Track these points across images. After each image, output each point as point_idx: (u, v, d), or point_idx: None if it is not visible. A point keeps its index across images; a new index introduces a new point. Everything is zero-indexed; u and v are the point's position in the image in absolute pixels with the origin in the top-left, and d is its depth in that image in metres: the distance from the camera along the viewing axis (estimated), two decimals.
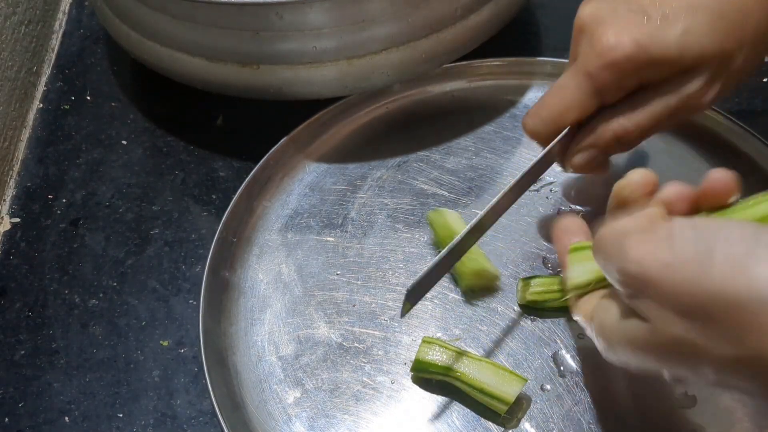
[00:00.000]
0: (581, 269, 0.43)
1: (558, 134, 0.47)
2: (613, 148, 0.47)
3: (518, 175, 0.47)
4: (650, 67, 0.44)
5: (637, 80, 0.45)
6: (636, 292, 0.34)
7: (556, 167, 0.57)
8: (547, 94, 0.48)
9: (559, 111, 0.47)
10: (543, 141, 0.48)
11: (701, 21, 0.43)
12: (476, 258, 0.50)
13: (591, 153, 0.47)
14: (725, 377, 0.32)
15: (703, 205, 0.39)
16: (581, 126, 0.48)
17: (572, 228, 0.45)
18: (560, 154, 0.49)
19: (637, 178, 0.42)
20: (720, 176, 0.38)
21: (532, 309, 0.50)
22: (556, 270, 0.52)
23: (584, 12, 0.46)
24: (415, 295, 0.44)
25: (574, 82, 0.45)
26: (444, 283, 0.52)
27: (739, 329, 0.30)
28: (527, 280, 0.50)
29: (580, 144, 0.48)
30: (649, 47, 0.43)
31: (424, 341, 0.47)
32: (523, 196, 0.56)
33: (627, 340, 0.35)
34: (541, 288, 0.49)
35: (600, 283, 0.42)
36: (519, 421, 0.46)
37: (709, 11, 0.43)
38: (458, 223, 0.52)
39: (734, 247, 0.30)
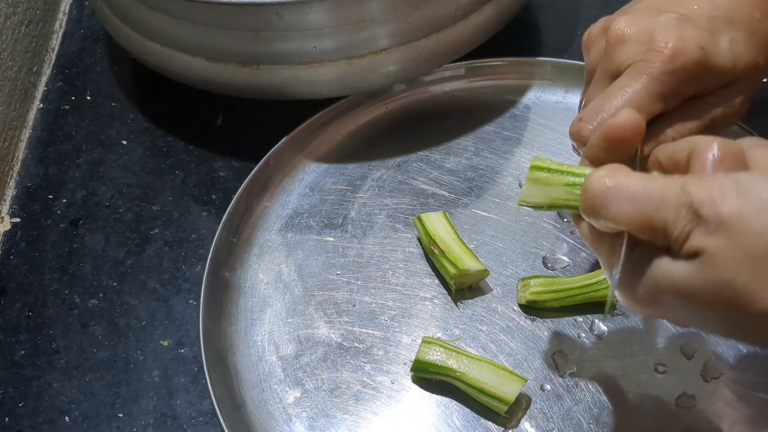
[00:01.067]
0: (538, 192, 0.40)
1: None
2: None
3: None
4: (709, 74, 0.43)
5: (696, 88, 0.43)
6: (700, 226, 0.33)
7: None
8: (601, 98, 0.43)
9: None
10: None
11: (740, 34, 0.43)
12: (458, 258, 0.50)
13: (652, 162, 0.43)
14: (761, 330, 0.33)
15: None
16: None
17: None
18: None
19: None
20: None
21: (532, 309, 0.50)
22: (556, 266, 0.52)
23: (620, 24, 0.44)
24: None
25: (639, 85, 0.42)
26: (443, 283, 0.52)
27: None
28: (527, 280, 0.50)
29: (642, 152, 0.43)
30: (709, 53, 0.42)
31: (424, 341, 0.47)
32: None
33: (674, 278, 0.34)
34: (541, 288, 0.49)
35: (551, 208, 0.40)
36: (519, 420, 0.46)
37: (743, 26, 0.44)
38: (438, 226, 0.52)
39: None
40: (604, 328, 0.49)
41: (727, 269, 0.32)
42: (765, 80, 0.47)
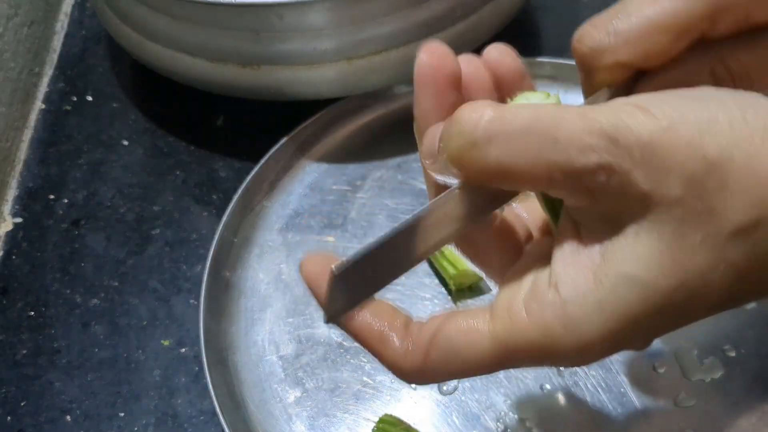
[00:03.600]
0: None
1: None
2: None
3: None
4: None
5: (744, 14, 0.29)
6: (624, 158, 0.25)
7: None
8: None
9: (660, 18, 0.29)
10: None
11: None
12: (458, 259, 0.50)
13: None
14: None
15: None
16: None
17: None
18: None
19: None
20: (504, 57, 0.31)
21: None
22: None
23: None
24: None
25: None
26: (443, 283, 0.52)
27: None
28: None
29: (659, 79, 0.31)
30: None
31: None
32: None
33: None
34: None
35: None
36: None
37: None
38: None
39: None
40: None
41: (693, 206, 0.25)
42: None
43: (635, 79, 0.31)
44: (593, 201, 0.26)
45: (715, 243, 0.25)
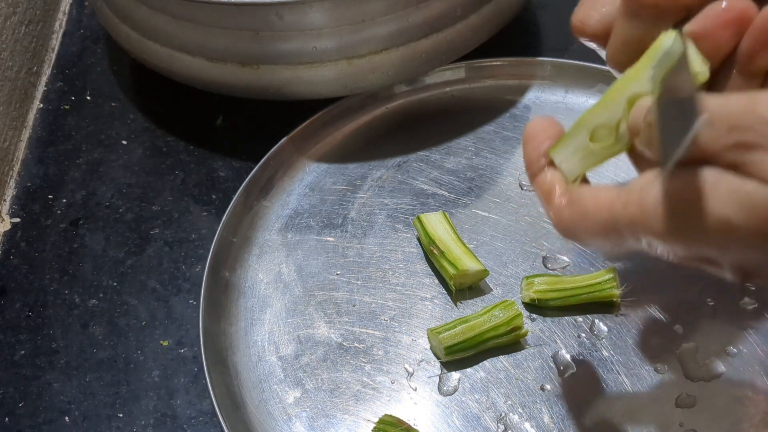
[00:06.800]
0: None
1: None
2: None
3: None
4: None
5: None
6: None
7: None
8: None
9: None
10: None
11: None
12: (458, 259, 0.50)
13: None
14: None
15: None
16: None
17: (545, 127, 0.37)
18: None
19: None
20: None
21: (533, 308, 0.50)
22: (557, 267, 0.52)
23: None
24: None
25: None
26: (443, 283, 0.52)
27: None
28: (531, 278, 0.50)
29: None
30: None
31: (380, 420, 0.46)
32: (522, 197, 0.56)
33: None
34: (545, 286, 0.49)
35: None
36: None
37: None
38: (438, 226, 0.52)
39: None
40: (604, 328, 0.49)
41: None
42: None
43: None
44: None
45: None
